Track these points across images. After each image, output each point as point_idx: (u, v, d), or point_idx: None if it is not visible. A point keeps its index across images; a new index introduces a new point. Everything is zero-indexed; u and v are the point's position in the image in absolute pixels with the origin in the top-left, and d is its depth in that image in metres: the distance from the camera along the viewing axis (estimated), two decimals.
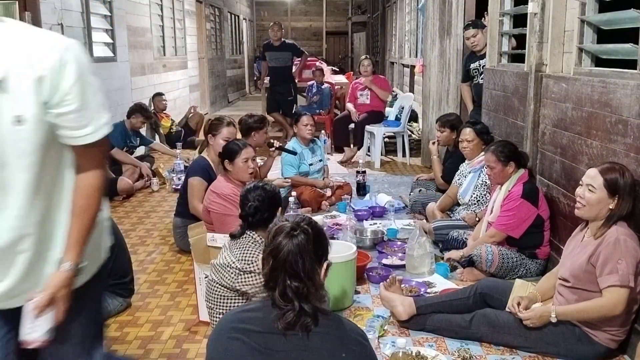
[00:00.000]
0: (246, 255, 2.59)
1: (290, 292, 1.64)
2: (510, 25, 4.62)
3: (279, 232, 1.72)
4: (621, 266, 2.46)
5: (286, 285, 1.65)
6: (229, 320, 1.73)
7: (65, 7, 6.02)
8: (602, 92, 2.96)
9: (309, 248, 1.68)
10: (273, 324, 1.64)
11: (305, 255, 1.67)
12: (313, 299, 1.66)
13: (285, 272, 1.66)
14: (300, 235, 1.69)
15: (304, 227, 1.72)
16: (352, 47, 22.20)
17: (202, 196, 4.08)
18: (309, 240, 1.69)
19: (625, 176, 2.55)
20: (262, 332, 1.65)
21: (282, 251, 1.67)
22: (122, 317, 3.29)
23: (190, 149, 7.65)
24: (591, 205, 2.59)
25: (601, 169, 2.59)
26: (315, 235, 1.73)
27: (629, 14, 2.84)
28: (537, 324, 2.68)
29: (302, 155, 5.24)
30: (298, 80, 9.16)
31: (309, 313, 1.63)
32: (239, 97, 17.48)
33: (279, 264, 1.67)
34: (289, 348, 1.63)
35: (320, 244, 1.75)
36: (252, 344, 1.64)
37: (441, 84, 6.65)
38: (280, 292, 1.66)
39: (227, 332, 1.69)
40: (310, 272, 1.68)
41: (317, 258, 1.71)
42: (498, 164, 3.59)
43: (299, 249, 1.67)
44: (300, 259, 1.66)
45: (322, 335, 1.65)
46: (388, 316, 3.09)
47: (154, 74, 8.99)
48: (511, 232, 3.49)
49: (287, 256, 1.66)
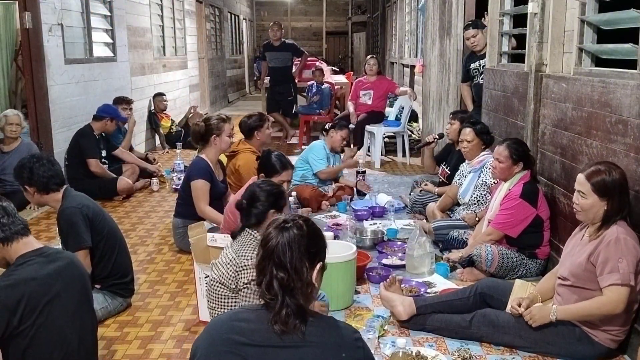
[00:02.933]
0: (244, 250, 2.59)
1: (276, 283, 1.63)
2: (510, 25, 4.61)
3: (272, 224, 1.72)
4: (622, 265, 2.47)
5: (273, 276, 1.63)
6: (222, 330, 1.68)
7: (65, 7, 6.02)
8: (602, 92, 2.96)
9: (301, 242, 1.67)
10: (268, 334, 1.61)
11: (294, 247, 1.65)
12: (299, 294, 1.63)
13: (273, 262, 1.65)
14: (293, 229, 1.68)
15: (298, 222, 1.71)
16: (352, 47, 22.20)
17: (208, 197, 4.09)
18: (302, 236, 1.68)
19: (612, 175, 2.54)
20: (257, 345, 1.61)
21: (271, 241, 1.67)
22: (122, 317, 3.29)
23: (191, 149, 7.64)
24: (586, 211, 2.61)
25: (587, 174, 2.59)
26: (310, 233, 1.71)
27: (629, 14, 2.84)
28: (538, 321, 2.68)
29: (329, 158, 5.39)
30: (298, 80, 9.17)
31: (292, 308, 1.60)
32: (239, 97, 17.47)
33: (267, 253, 1.67)
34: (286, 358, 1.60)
35: (314, 243, 1.72)
36: (247, 358, 1.60)
37: (441, 84, 6.65)
38: (267, 284, 1.64)
39: (220, 345, 1.64)
40: (299, 267, 1.65)
41: (308, 255, 1.68)
42: (508, 160, 3.56)
43: (288, 241, 1.66)
44: (288, 250, 1.65)
45: (318, 346, 1.62)
46: (388, 316, 3.09)
47: (154, 74, 8.99)
48: (508, 231, 3.49)
49: (275, 246, 1.66)
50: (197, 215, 4.03)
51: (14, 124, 5.15)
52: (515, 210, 3.47)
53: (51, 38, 5.67)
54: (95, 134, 5.80)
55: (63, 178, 3.18)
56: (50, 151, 5.56)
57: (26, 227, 2.26)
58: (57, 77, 5.79)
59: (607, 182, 2.54)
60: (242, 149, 4.78)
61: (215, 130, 4.22)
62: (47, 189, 3.06)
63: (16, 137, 5.20)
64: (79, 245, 3.05)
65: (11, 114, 5.24)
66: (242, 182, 4.73)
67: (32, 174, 3.00)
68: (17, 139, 5.21)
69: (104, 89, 6.73)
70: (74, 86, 6.13)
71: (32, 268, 2.17)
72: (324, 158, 5.28)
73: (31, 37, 5.48)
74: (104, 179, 5.73)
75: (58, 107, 5.80)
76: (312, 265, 1.70)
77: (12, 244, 2.20)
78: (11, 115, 5.20)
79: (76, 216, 3.07)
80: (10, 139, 5.19)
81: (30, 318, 2.09)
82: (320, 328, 1.65)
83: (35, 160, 3.02)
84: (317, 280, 1.72)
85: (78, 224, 3.06)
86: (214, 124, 4.26)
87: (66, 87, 5.97)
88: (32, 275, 2.15)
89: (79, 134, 5.74)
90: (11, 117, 5.18)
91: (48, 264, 2.21)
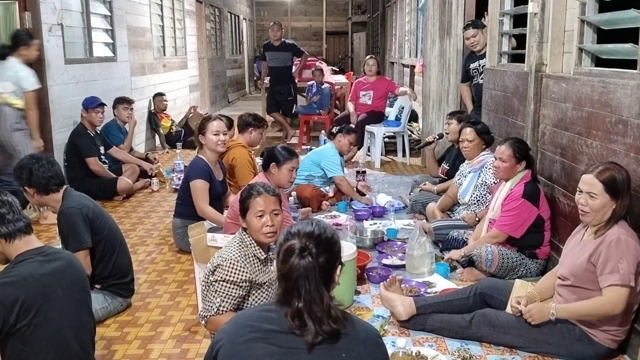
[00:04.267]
0: (223, 252, 2.62)
1: (305, 315, 1.63)
2: (510, 25, 4.61)
3: (289, 253, 1.69)
4: (622, 265, 2.46)
5: (298, 309, 1.63)
6: (251, 319, 1.70)
7: (65, 7, 6.02)
8: (602, 92, 2.96)
9: (316, 272, 1.66)
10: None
11: (311, 280, 1.65)
12: (325, 315, 1.63)
13: (296, 294, 1.65)
14: (308, 258, 1.66)
15: (310, 248, 1.67)
16: (352, 47, 22.20)
17: (207, 197, 4.08)
18: (318, 262, 1.66)
19: (621, 173, 2.54)
20: (282, 332, 1.64)
21: (291, 273, 1.66)
22: (122, 317, 3.29)
23: (190, 149, 7.64)
24: (596, 211, 2.57)
25: (597, 174, 2.56)
26: (325, 255, 1.68)
27: (629, 14, 2.84)
28: (537, 319, 2.68)
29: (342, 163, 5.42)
30: (298, 80, 9.16)
31: (325, 333, 1.62)
32: (239, 97, 17.47)
33: (289, 286, 1.66)
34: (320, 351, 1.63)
35: (331, 262, 1.71)
36: (274, 344, 1.63)
37: (441, 84, 6.64)
38: (293, 315, 1.64)
39: (248, 332, 1.66)
40: (320, 297, 1.65)
41: (326, 280, 1.68)
42: (511, 159, 3.56)
43: (305, 274, 1.65)
44: (307, 284, 1.64)
45: (346, 337, 1.65)
46: (388, 316, 3.09)
47: (154, 74, 8.99)
48: (513, 233, 3.49)
49: (296, 279, 1.65)
50: (197, 215, 4.03)
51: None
52: (519, 211, 3.46)
53: (51, 38, 5.67)
54: (90, 132, 5.77)
55: (63, 178, 3.18)
56: (50, 151, 5.55)
57: (29, 225, 2.26)
58: (57, 77, 5.79)
59: (618, 180, 2.52)
60: (233, 144, 4.76)
61: (201, 129, 4.21)
62: (47, 190, 3.06)
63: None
64: (79, 245, 3.05)
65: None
66: (235, 176, 4.74)
67: (31, 174, 2.99)
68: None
69: (104, 89, 6.73)
70: (74, 86, 6.13)
71: (31, 267, 2.17)
72: (339, 164, 5.31)
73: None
74: (104, 179, 5.73)
75: (58, 107, 5.80)
76: (330, 284, 1.71)
77: (14, 241, 2.20)
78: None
79: (76, 217, 3.06)
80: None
81: (27, 317, 2.09)
82: (350, 322, 1.68)
83: (35, 161, 3.02)
84: (337, 279, 1.74)
85: (78, 225, 3.06)
86: (202, 123, 4.26)
87: (66, 87, 5.97)
88: (30, 274, 2.14)
89: (73, 134, 5.74)
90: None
91: (47, 264, 2.21)
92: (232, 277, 2.53)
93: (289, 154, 3.83)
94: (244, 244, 2.65)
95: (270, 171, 3.81)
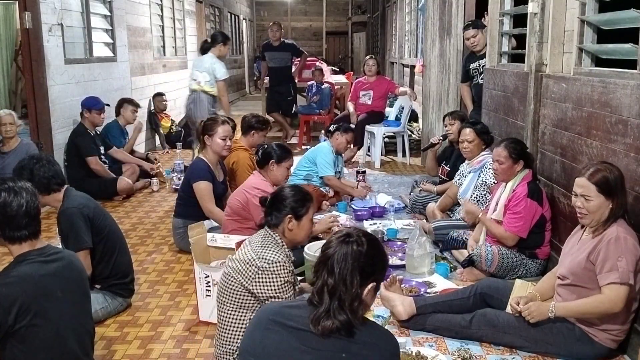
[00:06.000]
0: (266, 254, 2.52)
1: (326, 290, 1.71)
2: (510, 25, 4.61)
3: (336, 235, 1.83)
4: (621, 264, 2.47)
5: (324, 281, 1.73)
6: (270, 312, 1.79)
7: (65, 7, 6.02)
8: (602, 92, 2.96)
9: (356, 258, 1.74)
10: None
11: (348, 260, 1.73)
12: (346, 305, 1.70)
13: (326, 268, 1.74)
14: (353, 245, 1.76)
15: (360, 239, 1.78)
16: (352, 47, 22.20)
17: (213, 197, 4.09)
18: (360, 252, 1.75)
19: (613, 172, 2.55)
20: (303, 330, 1.70)
21: (329, 249, 1.78)
22: (122, 317, 3.29)
23: (191, 149, 7.64)
24: (593, 213, 2.58)
25: (589, 176, 2.57)
26: (369, 252, 1.77)
27: (629, 14, 2.84)
28: (536, 317, 2.68)
29: (335, 162, 5.39)
30: (298, 80, 9.17)
31: (337, 316, 1.67)
32: (239, 97, 17.47)
33: (323, 258, 1.77)
34: (329, 348, 1.68)
35: (371, 263, 1.78)
36: (292, 338, 1.70)
37: (441, 84, 6.65)
38: (318, 288, 1.73)
39: (265, 324, 1.75)
40: (348, 279, 1.72)
41: (361, 271, 1.74)
42: (508, 160, 3.55)
43: (345, 253, 1.74)
44: (342, 261, 1.73)
45: (362, 343, 1.70)
46: (388, 316, 3.09)
47: (154, 74, 8.99)
48: (523, 234, 3.47)
49: (332, 255, 1.75)
50: (197, 215, 4.02)
51: (7, 123, 5.09)
52: (526, 212, 3.43)
53: (51, 38, 5.67)
54: (90, 132, 5.77)
55: (63, 178, 3.18)
56: (50, 151, 5.55)
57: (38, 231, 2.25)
58: (57, 77, 5.79)
59: (610, 180, 2.53)
60: (235, 147, 4.76)
61: (208, 131, 4.21)
62: (48, 190, 3.06)
63: (13, 136, 5.17)
64: (80, 246, 3.05)
65: (3, 114, 5.19)
66: (236, 180, 4.73)
67: (32, 175, 2.99)
68: (14, 138, 5.18)
69: (104, 89, 6.73)
70: (74, 86, 6.13)
71: (31, 267, 2.16)
72: (331, 163, 5.27)
73: (31, 37, 5.48)
74: (104, 179, 5.73)
75: (58, 107, 5.80)
76: (364, 282, 1.76)
77: (22, 244, 2.20)
78: (3, 116, 5.14)
79: (76, 217, 3.06)
80: (8, 139, 5.18)
81: (25, 318, 2.08)
82: (367, 329, 1.74)
83: (35, 162, 3.02)
84: (368, 297, 1.79)
85: (78, 225, 3.06)
86: (208, 124, 4.26)
87: (66, 87, 5.97)
88: (30, 275, 2.14)
89: (73, 134, 5.73)
90: (4, 117, 5.12)
91: (47, 264, 2.21)
92: (289, 277, 2.50)
93: (287, 152, 3.95)
94: (279, 245, 2.58)
95: (268, 168, 3.84)
